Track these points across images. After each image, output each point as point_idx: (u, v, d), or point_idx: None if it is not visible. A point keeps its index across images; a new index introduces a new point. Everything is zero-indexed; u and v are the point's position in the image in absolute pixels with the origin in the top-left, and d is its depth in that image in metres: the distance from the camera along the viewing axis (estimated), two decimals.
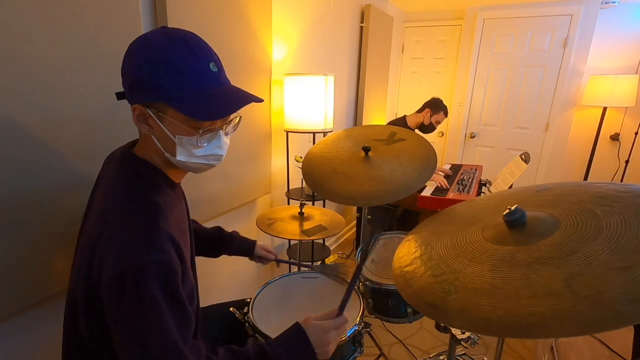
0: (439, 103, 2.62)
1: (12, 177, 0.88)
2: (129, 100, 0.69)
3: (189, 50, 0.64)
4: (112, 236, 0.62)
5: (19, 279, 0.93)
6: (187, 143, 0.69)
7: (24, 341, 1.01)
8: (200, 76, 0.65)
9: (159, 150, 0.71)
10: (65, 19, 0.93)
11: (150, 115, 0.66)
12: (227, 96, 0.68)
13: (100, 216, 0.66)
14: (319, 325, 0.78)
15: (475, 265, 0.65)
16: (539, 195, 0.82)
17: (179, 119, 0.66)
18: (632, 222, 0.58)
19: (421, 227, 0.94)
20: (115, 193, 0.68)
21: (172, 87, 0.63)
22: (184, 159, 0.70)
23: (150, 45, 0.63)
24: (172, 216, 0.70)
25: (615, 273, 0.51)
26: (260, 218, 1.61)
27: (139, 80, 0.64)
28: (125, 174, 0.71)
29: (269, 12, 1.71)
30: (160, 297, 0.60)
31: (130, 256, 0.59)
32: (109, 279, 0.59)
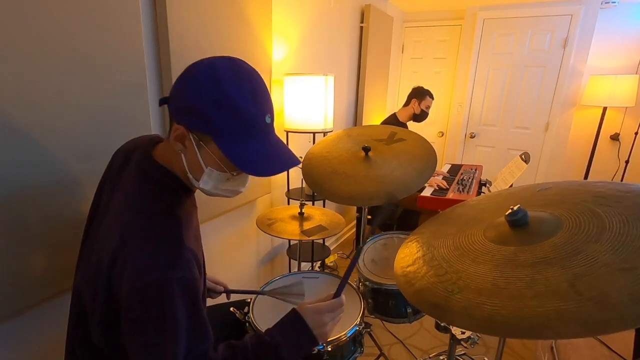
0: (421, 90, 2.64)
1: (13, 178, 0.88)
2: (173, 117, 0.68)
3: (252, 96, 0.64)
4: (137, 247, 0.61)
5: (20, 279, 0.93)
6: (216, 177, 0.70)
7: (24, 341, 1.01)
8: (255, 126, 0.66)
9: (183, 167, 0.71)
10: (64, 19, 0.93)
11: (190, 140, 0.66)
12: (272, 154, 0.68)
13: (120, 223, 0.65)
14: (313, 307, 0.78)
15: (478, 265, 0.65)
16: (540, 195, 0.82)
17: (218, 156, 0.66)
18: (635, 223, 0.58)
19: (422, 229, 0.94)
20: (140, 202, 0.67)
21: (225, 127, 0.63)
22: (206, 187, 0.71)
23: (218, 79, 0.62)
24: (190, 227, 0.71)
25: (620, 274, 0.50)
26: (260, 218, 1.61)
27: (194, 108, 0.63)
28: (148, 182, 0.70)
29: (269, 12, 1.71)
30: (181, 314, 0.60)
31: (155, 270, 0.59)
32: (131, 290, 0.59)
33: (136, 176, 0.72)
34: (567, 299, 0.50)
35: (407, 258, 0.81)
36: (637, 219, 0.59)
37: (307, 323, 0.75)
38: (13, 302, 0.93)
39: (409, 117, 2.69)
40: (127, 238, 0.62)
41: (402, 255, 0.85)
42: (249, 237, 1.99)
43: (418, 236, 0.90)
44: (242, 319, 1.06)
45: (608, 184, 0.74)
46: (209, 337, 0.67)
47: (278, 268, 2.33)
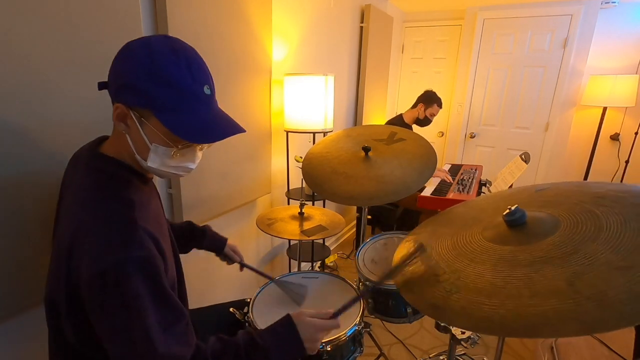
0: (431, 96, 2.64)
1: (13, 178, 0.89)
2: (112, 96, 0.68)
3: (188, 69, 0.65)
4: (89, 235, 0.61)
5: (21, 279, 0.93)
6: (162, 153, 0.69)
7: (24, 340, 1.01)
8: (193, 96, 0.66)
9: (130, 150, 0.70)
10: (64, 19, 0.93)
11: (132, 117, 0.66)
12: (215, 122, 0.69)
13: (73, 217, 0.65)
14: (312, 322, 0.79)
15: (476, 265, 0.65)
16: (538, 195, 0.82)
17: (161, 130, 0.66)
18: (633, 222, 0.58)
19: (421, 229, 0.94)
20: (86, 193, 0.67)
21: (164, 100, 0.64)
22: (154, 165, 0.70)
23: (152, 54, 0.63)
24: (147, 211, 0.70)
25: (618, 273, 0.51)
26: (260, 218, 1.61)
27: (131, 84, 0.64)
28: (93, 173, 0.70)
29: (269, 12, 1.71)
30: (143, 293, 0.60)
31: (109, 254, 0.59)
32: (89, 278, 0.59)
33: (83, 171, 0.71)
34: (566, 297, 0.51)
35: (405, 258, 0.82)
36: (634, 218, 0.59)
37: (299, 334, 0.76)
38: (13, 302, 0.93)
39: (413, 119, 2.70)
40: (78, 228, 0.62)
41: (400, 254, 0.85)
42: (249, 237, 1.99)
43: (416, 236, 0.90)
44: (241, 319, 1.06)
45: (606, 185, 0.75)
46: (181, 311, 0.67)
47: (278, 268, 2.33)
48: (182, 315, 0.67)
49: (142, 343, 0.61)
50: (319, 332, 0.78)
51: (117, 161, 0.71)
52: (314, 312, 0.82)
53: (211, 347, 0.71)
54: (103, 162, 0.71)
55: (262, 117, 1.79)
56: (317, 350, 0.80)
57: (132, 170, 0.73)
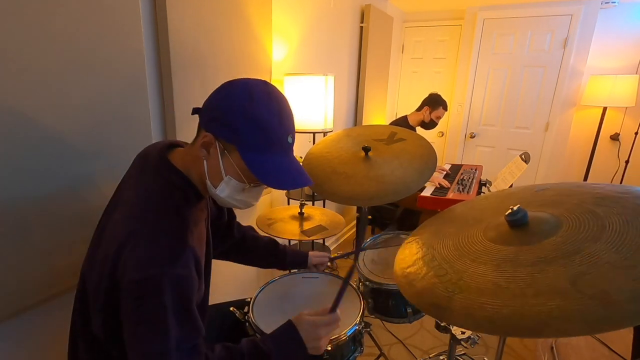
0: (436, 99, 2.64)
1: (13, 178, 0.89)
2: (203, 123, 0.72)
3: (279, 116, 0.70)
4: (141, 241, 0.64)
5: (22, 278, 0.93)
6: (233, 186, 0.74)
7: (27, 339, 1.01)
8: (278, 143, 0.71)
9: (202, 173, 0.74)
10: (64, 19, 0.93)
11: (215, 147, 0.70)
12: (290, 171, 0.73)
13: (129, 219, 0.68)
14: (311, 320, 0.80)
15: (478, 265, 0.65)
16: (538, 195, 0.82)
17: (240, 167, 0.71)
18: (635, 222, 0.58)
19: (422, 229, 0.94)
20: (149, 199, 0.70)
21: (251, 141, 0.68)
22: (222, 195, 0.74)
23: (252, 96, 0.68)
24: (196, 229, 0.74)
25: (621, 272, 0.50)
26: (260, 218, 1.61)
27: (226, 119, 0.68)
28: (160, 180, 0.73)
29: (269, 12, 1.71)
30: (170, 310, 0.63)
31: (154, 264, 0.62)
32: (130, 281, 0.62)
33: (150, 175, 0.74)
34: (568, 297, 0.50)
35: (407, 259, 0.81)
36: (636, 218, 0.59)
37: (301, 336, 0.78)
38: (16, 300, 0.93)
39: (418, 122, 2.70)
40: (133, 231, 0.65)
41: (402, 256, 0.85)
42: None
43: (417, 237, 0.90)
44: (242, 318, 1.06)
45: (606, 186, 0.75)
46: (199, 331, 0.69)
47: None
48: (200, 332, 0.69)
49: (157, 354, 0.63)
50: (319, 328, 0.79)
51: (184, 177, 0.75)
52: (312, 312, 0.83)
53: (217, 356, 0.72)
54: (172, 173, 0.74)
55: None
56: (322, 350, 0.80)
57: (193, 187, 0.76)
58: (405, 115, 2.74)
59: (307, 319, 0.80)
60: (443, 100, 2.65)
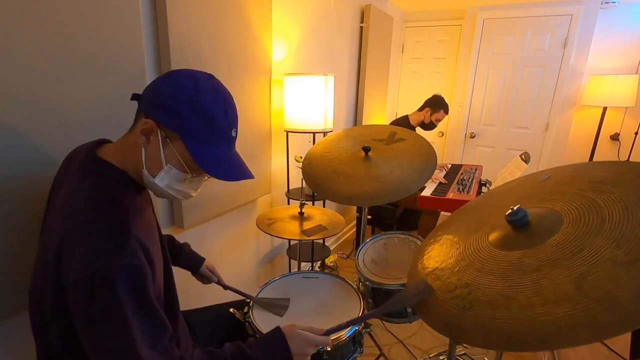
0: (439, 101, 2.65)
1: (12, 178, 0.88)
2: (144, 110, 0.70)
3: (224, 109, 0.71)
4: (81, 238, 0.61)
5: (20, 279, 0.93)
6: (174, 175, 0.71)
7: (25, 341, 1.01)
8: (221, 134, 0.71)
9: (139, 162, 0.71)
10: (64, 19, 0.93)
11: (157, 135, 0.69)
12: (234, 163, 0.74)
13: (65, 218, 0.64)
14: (304, 335, 0.79)
15: (485, 276, 0.65)
16: (540, 186, 0.81)
17: (182, 155, 0.69)
18: (633, 209, 0.58)
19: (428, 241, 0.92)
20: (81, 195, 0.67)
21: (196, 130, 0.68)
22: (161, 184, 0.72)
23: (198, 87, 0.68)
24: (141, 219, 0.70)
25: (623, 268, 0.50)
26: (260, 218, 1.61)
27: (170, 106, 0.67)
28: (90, 176, 0.70)
29: (269, 12, 1.71)
30: (127, 302, 0.60)
31: (99, 259, 0.59)
32: (76, 281, 0.58)
33: (79, 172, 0.71)
34: (575, 302, 0.50)
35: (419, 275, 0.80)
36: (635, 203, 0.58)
37: (290, 349, 0.76)
38: (15, 301, 0.93)
39: (419, 122, 2.73)
40: (69, 231, 0.62)
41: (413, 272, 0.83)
42: (249, 237, 1.99)
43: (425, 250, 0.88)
44: (242, 319, 1.06)
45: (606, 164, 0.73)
46: (165, 329, 0.66)
47: (278, 268, 2.33)
48: (166, 329, 0.67)
49: (124, 352, 0.60)
50: (309, 346, 0.79)
51: (117, 168, 0.72)
52: (307, 327, 0.81)
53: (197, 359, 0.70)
54: (102, 166, 0.71)
55: (262, 117, 1.79)
56: None
57: (130, 179, 0.73)
58: (407, 115, 2.75)
59: (300, 333, 0.78)
60: (445, 104, 2.66)
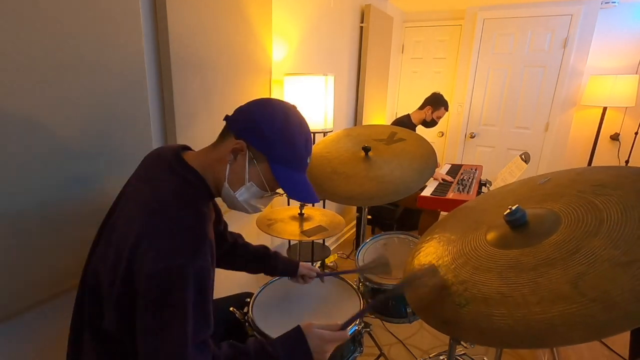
0: (439, 99, 2.68)
1: (12, 178, 0.89)
2: (235, 131, 0.77)
3: (306, 140, 0.80)
4: (163, 233, 0.66)
5: (20, 279, 0.93)
6: (253, 192, 0.80)
7: (26, 340, 1.01)
8: (302, 162, 0.81)
9: (221, 176, 0.79)
10: (64, 20, 0.93)
11: (244, 155, 0.76)
12: (307, 187, 0.83)
13: (148, 213, 0.70)
14: (321, 334, 0.81)
15: (482, 274, 0.65)
16: (538, 189, 0.81)
17: (266, 176, 0.78)
18: (632, 212, 0.58)
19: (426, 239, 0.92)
20: (168, 193, 0.73)
21: (282, 155, 0.77)
22: (240, 198, 0.79)
23: (288, 117, 0.78)
24: (210, 225, 0.77)
25: (621, 269, 0.50)
26: (260, 218, 1.61)
27: (263, 131, 0.75)
28: (177, 177, 0.76)
29: (269, 12, 1.71)
30: (192, 299, 0.65)
31: (178, 255, 0.64)
32: (152, 272, 0.63)
33: (165, 172, 0.77)
34: (571, 301, 0.50)
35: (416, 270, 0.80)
36: (635, 206, 0.58)
37: (310, 348, 0.79)
38: (13, 302, 0.93)
39: (420, 120, 2.76)
40: (153, 224, 0.68)
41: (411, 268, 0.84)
42: (249, 237, 1.97)
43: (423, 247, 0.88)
44: (241, 318, 1.06)
45: (607, 169, 0.74)
46: (210, 326, 0.71)
47: None
48: (210, 329, 0.71)
49: (175, 344, 0.64)
50: (327, 344, 0.81)
51: (200, 176, 0.78)
52: (324, 325, 0.83)
53: (224, 354, 0.73)
54: (188, 171, 0.77)
55: None
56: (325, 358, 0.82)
57: (207, 188, 0.80)
58: (409, 114, 2.77)
59: (318, 332, 0.81)
60: (445, 101, 2.69)
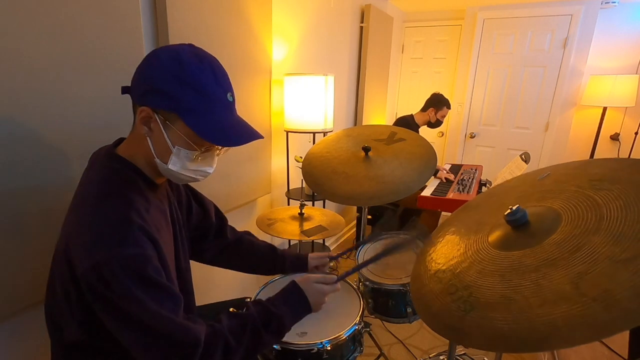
0: (440, 99, 2.70)
1: (12, 178, 0.89)
2: (137, 100, 0.70)
3: (214, 76, 0.69)
4: (84, 228, 0.63)
5: (20, 279, 0.93)
6: (184, 156, 0.71)
7: (24, 341, 1.01)
8: (218, 101, 0.70)
9: (149, 154, 0.72)
10: (64, 19, 0.93)
11: (156, 120, 0.68)
12: (238, 127, 0.72)
13: (74, 211, 0.67)
14: (319, 288, 0.87)
15: (485, 278, 0.65)
16: (538, 185, 0.81)
17: (185, 133, 0.68)
18: (632, 207, 0.58)
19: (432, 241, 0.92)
20: (90, 188, 0.69)
21: (190, 104, 0.67)
22: (175, 168, 0.72)
23: (181, 61, 0.66)
24: (148, 215, 0.70)
25: (621, 266, 0.50)
26: (260, 218, 1.61)
27: (159, 88, 0.66)
28: (103, 170, 0.71)
29: (269, 12, 1.71)
30: (132, 289, 0.61)
31: (101, 249, 0.60)
32: (84, 271, 0.60)
33: (95, 168, 0.74)
34: (573, 302, 0.50)
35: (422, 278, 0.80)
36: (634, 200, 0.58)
37: (309, 301, 0.84)
38: (13, 303, 0.93)
39: (425, 122, 2.79)
40: (75, 221, 0.65)
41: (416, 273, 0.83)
42: None
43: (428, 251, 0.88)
44: None
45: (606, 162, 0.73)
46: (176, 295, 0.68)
47: None
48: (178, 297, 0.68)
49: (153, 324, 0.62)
50: (324, 295, 0.87)
51: (125, 160, 0.73)
52: (319, 277, 0.89)
53: (227, 325, 0.72)
54: (114, 160, 0.72)
55: (262, 117, 1.79)
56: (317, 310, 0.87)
57: (139, 172, 0.74)
58: (412, 114, 2.78)
59: (315, 286, 0.86)
60: (446, 100, 2.71)
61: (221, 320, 0.73)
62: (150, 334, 0.63)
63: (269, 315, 0.77)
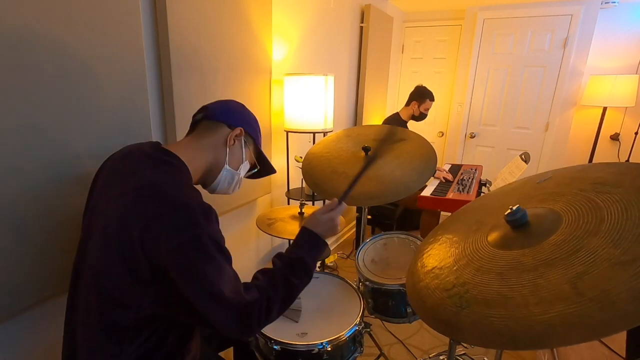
0: (422, 92, 2.68)
1: (12, 179, 0.89)
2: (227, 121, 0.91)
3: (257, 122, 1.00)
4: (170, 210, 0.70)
5: (20, 279, 0.93)
6: (245, 169, 0.98)
7: (23, 341, 1.01)
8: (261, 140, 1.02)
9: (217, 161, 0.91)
10: (64, 19, 0.93)
11: (241, 139, 0.93)
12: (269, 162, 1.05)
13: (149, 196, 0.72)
14: (325, 217, 0.93)
15: (483, 275, 0.65)
16: (539, 188, 0.81)
17: (255, 154, 1.00)
18: (633, 210, 0.58)
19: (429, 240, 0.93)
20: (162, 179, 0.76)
21: (258, 136, 0.99)
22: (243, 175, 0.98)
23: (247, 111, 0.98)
24: None
25: (620, 268, 0.50)
26: (260, 218, 1.61)
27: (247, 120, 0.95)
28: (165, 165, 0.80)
29: (269, 12, 1.71)
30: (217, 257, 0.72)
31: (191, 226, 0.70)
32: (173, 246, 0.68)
33: (149, 162, 0.80)
34: (570, 301, 0.50)
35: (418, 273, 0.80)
36: (635, 203, 0.58)
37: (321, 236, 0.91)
38: (13, 303, 0.93)
39: (409, 116, 2.76)
40: (157, 205, 0.71)
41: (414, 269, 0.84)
42: (249, 237, 1.99)
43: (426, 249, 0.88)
44: None
45: (607, 166, 0.73)
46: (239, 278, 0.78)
47: None
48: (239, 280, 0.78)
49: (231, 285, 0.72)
50: (333, 220, 0.93)
51: (181, 160, 0.83)
52: (323, 208, 0.95)
53: (263, 282, 0.80)
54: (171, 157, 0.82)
55: (262, 117, 1.79)
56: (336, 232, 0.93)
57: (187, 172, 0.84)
58: (397, 112, 2.77)
59: (321, 217, 0.92)
60: (429, 92, 2.68)
61: (257, 278, 0.82)
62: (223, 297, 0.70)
63: (290, 261, 0.85)
